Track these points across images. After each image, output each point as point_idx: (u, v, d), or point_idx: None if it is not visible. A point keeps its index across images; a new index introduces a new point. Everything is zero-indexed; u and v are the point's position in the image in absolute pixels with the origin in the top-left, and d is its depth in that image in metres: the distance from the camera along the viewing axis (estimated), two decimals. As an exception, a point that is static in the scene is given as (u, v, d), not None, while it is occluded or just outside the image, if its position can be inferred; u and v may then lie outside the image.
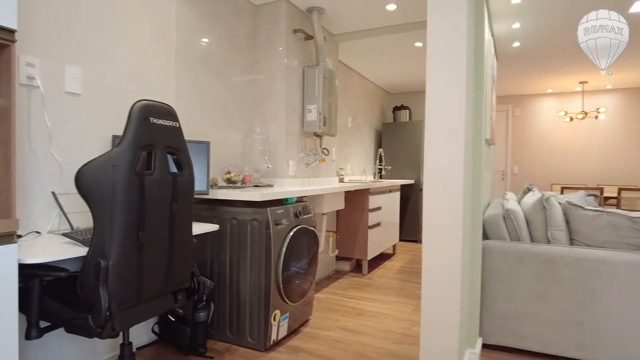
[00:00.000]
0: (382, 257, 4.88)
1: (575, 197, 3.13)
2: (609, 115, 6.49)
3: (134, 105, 1.47)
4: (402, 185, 5.88)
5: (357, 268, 4.35)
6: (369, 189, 4.02)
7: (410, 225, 5.90)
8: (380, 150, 5.70)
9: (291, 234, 2.44)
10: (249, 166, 3.08)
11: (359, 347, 2.46)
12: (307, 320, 2.84)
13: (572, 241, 2.38)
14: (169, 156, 1.61)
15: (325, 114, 3.33)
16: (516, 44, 4.25)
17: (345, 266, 4.25)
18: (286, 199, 2.57)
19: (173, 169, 1.64)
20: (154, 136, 1.51)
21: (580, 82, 6.06)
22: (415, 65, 4.97)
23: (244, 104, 3.11)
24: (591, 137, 6.60)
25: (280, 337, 2.44)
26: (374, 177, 5.97)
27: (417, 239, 5.92)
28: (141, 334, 2.38)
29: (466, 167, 1.91)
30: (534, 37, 4.03)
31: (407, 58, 4.69)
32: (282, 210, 2.41)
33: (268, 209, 2.30)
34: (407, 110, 6.10)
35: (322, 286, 3.70)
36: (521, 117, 6.99)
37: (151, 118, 1.50)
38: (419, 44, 4.17)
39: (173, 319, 2.33)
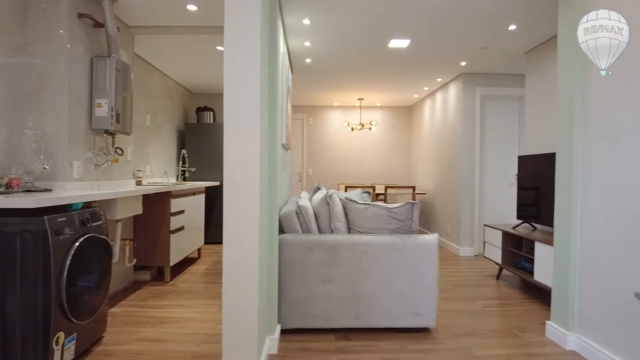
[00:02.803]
0: (186, 262, 4.76)
1: (353, 194, 3.74)
2: (379, 127, 7.93)
3: None
4: (207, 187, 5.84)
5: (159, 276, 4.13)
6: (170, 191, 3.87)
7: (216, 227, 5.91)
8: (184, 151, 5.53)
9: (77, 244, 2.16)
10: (17, 167, 2.56)
11: (161, 355, 2.36)
12: (100, 338, 2.55)
13: (350, 230, 2.84)
14: None
15: (119, 110, 3.05)
16: (308, 60, 4.78)
17: (146, 275, 3.98)
18: (70, 205, 2.26)
19: None
20: None
21: (358, 99, 7.22)
22: (218, 67, 5.02)
23: (10, 92, 2.58)
24: (367, 144, 7.94)
25: (64, 362, 2.13)
26: (177, 179, 5.75)
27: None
28: None
29: (262, 168, 2.07)
30: (321, 56, 4.62)
31: (210, 60, 4.70)
32: (64, 218, 2.11)
33: (45, 217, 1.98)
34: (211, 112, 6.10)
35: (118, 299, 3.37)
36: (314, 125, 7.87)
37: None
38: (220, 48, 4.24)
39: None
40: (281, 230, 2.81)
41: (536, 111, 4.25)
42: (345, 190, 6.20)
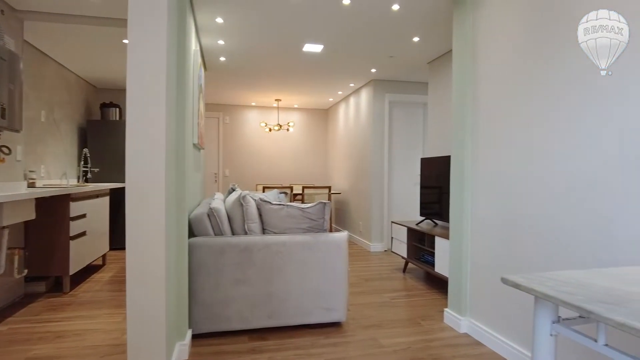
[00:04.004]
0: (89, 270, 4.40)
1: (269, 194, 3.76)
2: (297, 128, 8.04)
3: None
4: (112, 189, 5.46)
5: (57, 286, 3.77)
6: (70, 194, 3.56)
7: (123, 231, 5.54)
8: (86, 150, 5.10)
9: (-50, 254, 1.91)
10: None
11: (55, 373, 2.18)
12: (-21, 361, 2.28)
13: (264, 231, 2.86)
14: None
15: (4, 104, 2.74)
16: (222, 59, 4.70)
17: (40, 287, 3.61)
18: (-59, 211, 1.99)
19: None
20: None
21: (276, 100, 7.25)
22: (125, 61, 4.73)
23: None
24: (285, 145, 8.00)
25: None
26: (78, 181, 5.29)
27: (131, 246, 5.61)
28: None
29: (169, 169, 2.01)
30: (236, 55, 4.58)
31: (116, 53, 4.40)
32: None
33: None
34: (117, 109, 5.71)
35: (4, 316, 3.02)
36: (231, 124, 7.74)
37: None
38: (127, 42, 4.00)
39: None
40: (192, 234, 2.75)
41: (437, 117, 4.65)
42: (263, 191, 6.19)
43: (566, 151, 2.01)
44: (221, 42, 4.08)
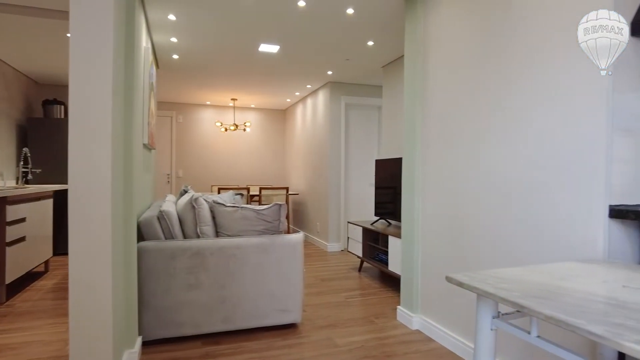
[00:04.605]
0: (29, 278, 4.13)
1: (224, 196, 3.70)
2: (254, 128, 7.95)
3: None
4: (57, 192, 5.15)
5: (-9, 296, 3.51)
6: (6, 197, 3.32)
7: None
8: (25, 150, 4.78)
9: None
10: None
11: (-11, 389, 2.03)
12: None
13: (218, 234, 2.81)
14: None
15: None
16: (175, 56, 4.56)
17: (-28, 297, 3.34)
18: None
19: None
20: None
21: (232, 99, 7.13)
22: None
23: None
24: (241, 145, 7.89)
25: None
26: (17, 183, 4.95)
27: (77, 251, 5.31)
28: None
29: (116, 171, 1.93)
30: (190, 53, 4.46)
31: (60, 47, 4.16)
32: None
33: None
34: (62, 106, 5.40)
35: None
36: (185, 124, 7.53)
37: None
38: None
39: None
40: (142, 238, 2.65)
41: (391, 120, 4.76)
42: (219, 192, 6.08)
43: (508, 155, 2.13)
44: (174, 39, 3.97)
